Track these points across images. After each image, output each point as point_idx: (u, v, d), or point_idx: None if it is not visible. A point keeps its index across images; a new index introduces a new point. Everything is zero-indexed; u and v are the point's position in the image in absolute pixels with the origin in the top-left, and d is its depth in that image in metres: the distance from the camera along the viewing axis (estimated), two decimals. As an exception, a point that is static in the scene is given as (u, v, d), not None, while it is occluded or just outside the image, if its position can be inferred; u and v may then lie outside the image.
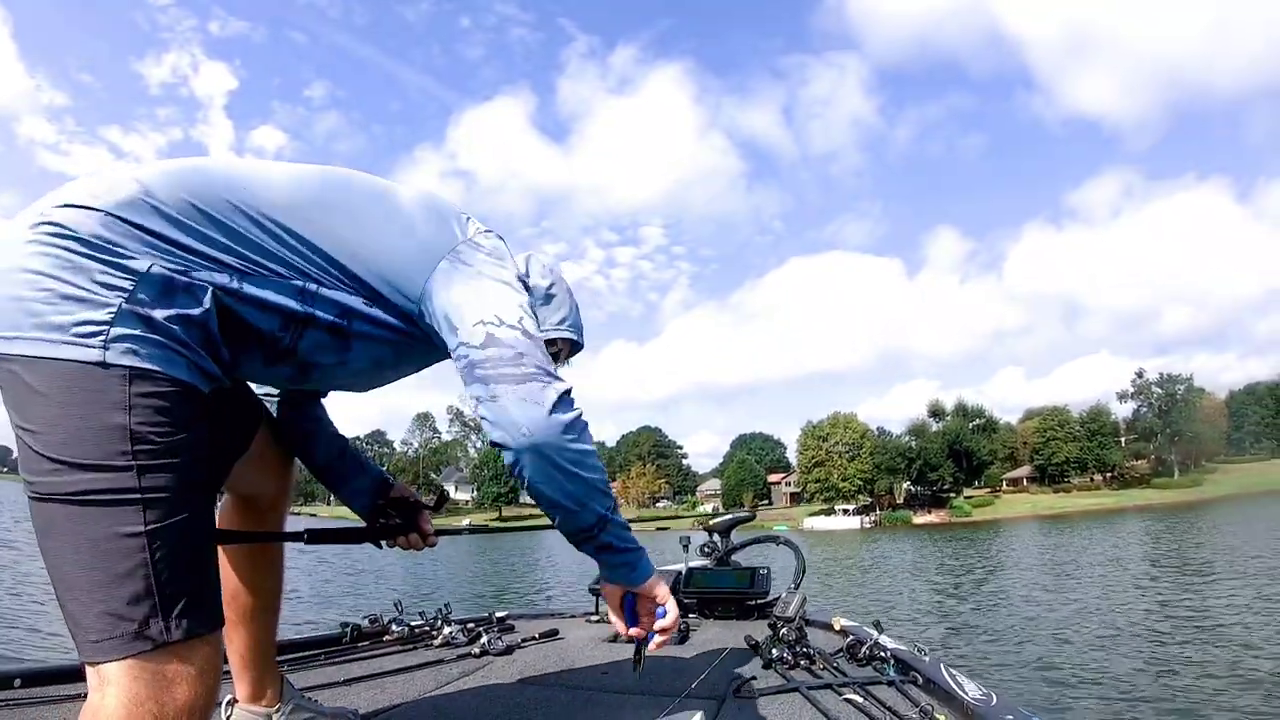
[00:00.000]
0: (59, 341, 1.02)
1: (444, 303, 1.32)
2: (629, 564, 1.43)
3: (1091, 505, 73.72)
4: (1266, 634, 9.81)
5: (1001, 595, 16.11)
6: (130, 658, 1.00)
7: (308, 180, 1.33)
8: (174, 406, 1.09)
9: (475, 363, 1.28)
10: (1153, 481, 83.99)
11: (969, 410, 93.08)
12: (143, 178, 1.16)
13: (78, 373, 1.02)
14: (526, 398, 1.25)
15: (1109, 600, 13.96)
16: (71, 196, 1.11)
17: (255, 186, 1.25)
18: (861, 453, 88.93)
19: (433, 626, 2.84)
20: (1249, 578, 15.46)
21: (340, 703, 1.93)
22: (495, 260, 1.40)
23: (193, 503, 1.11)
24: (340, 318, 1.32)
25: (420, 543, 1.76)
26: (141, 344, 1.06)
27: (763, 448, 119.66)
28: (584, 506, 1.33)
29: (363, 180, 1.40)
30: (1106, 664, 8.77)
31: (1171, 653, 9.16)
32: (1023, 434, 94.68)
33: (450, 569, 25.81)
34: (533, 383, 1.26)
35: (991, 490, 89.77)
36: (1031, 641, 10.50)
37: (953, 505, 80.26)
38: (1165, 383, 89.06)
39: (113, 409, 1.02)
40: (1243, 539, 25.63)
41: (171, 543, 1.05)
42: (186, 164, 1.26)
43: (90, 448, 1.01)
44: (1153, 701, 7.14)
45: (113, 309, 1.04)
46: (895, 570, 25.28)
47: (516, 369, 1.26)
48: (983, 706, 1.68)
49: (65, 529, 1.01)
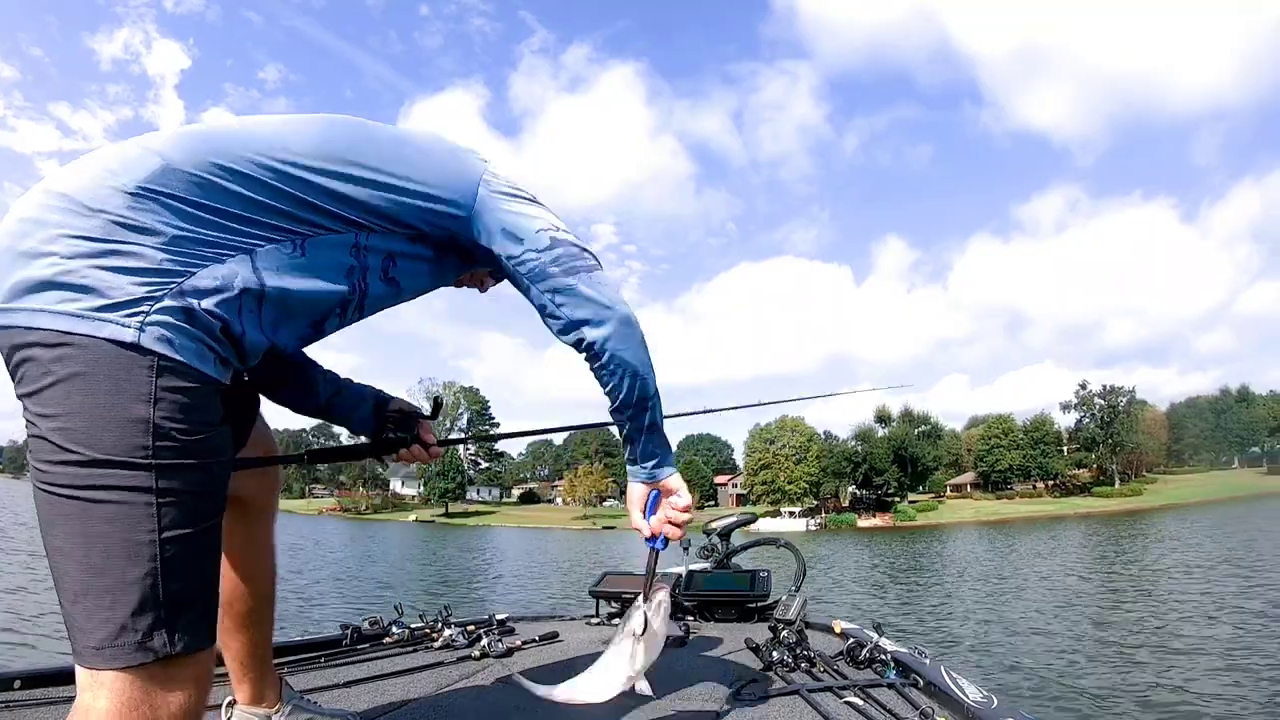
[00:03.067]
0: (93, 319, 0.97)
1: (499, 220, 1.39)
2: (657, 455, 1.53)
3: (1033, 512, 74.80)
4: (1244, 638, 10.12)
5: (938, 594, 16.55)
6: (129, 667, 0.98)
7: (335, 129, 1.31)
8: (198, 405, 1.05)
9: (549, 261, 1.39)
10: (1094, 490, 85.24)
11: (915, 417, 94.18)
12: (161, 148, 1.11)
13: (108, 356, 0.97)
14: (597, 284, 1.40)
15: (1059, 604, 14.33)
16: (93, 170, 1.07)
17: (289, 140, 1.22)
18: (808, 456, 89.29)
19: (433, 629, 2.83)
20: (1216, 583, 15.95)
21: (340, 705, 1.92)
22: (515, 186, 1.45)
23: (208, 510, 1.08)
24: (389, 260, 1.34)
25: (424, 454, 1.73)
26: (176, 334, 1.02)
27: (710, 449, 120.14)
28: (650, 372, 1.46)
29: (377, 125, 1.40)
30: (1068, 665, 9.00)
31: (1128, 652, 9.45)
32: (967, 441, 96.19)
33: (402, 564, 25.55)
34: (599, 271, 1.43)
35: (935, 496, 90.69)
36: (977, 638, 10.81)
37: (897, 510, 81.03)
38: (1108, 394, 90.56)
39: (137, 400, 0.98)
40: (1191, 544, 26.47)
41: (183, 551, 1.02)
42: (202, 129, 1.21)
43: (110, 440, 0.97)
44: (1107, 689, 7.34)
45: (150, 293, 1.00)
46: (839, 568, 25.84)
47: (583, 262, 1.40)
48: (983, 709, 1.71)
49: (73, 526, 0.97)
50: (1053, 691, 7.78)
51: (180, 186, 1.08)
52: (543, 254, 1.38)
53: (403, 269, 1.38)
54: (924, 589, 18.18)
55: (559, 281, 1.39)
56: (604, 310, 1.39)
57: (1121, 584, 16.52)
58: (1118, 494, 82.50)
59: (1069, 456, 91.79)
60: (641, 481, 1.54)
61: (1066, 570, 21.01)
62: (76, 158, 1.13)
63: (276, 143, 1.20)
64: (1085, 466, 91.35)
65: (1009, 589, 17.18)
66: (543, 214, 1.42)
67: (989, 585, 18.02)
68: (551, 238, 1.39)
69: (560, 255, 1.39)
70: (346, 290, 1.28)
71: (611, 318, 1.39)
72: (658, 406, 1.50)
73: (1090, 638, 10.76)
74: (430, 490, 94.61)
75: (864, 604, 16.16)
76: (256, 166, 1.16)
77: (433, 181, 1.34)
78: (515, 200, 1.41)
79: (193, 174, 1.09)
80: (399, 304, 1.47)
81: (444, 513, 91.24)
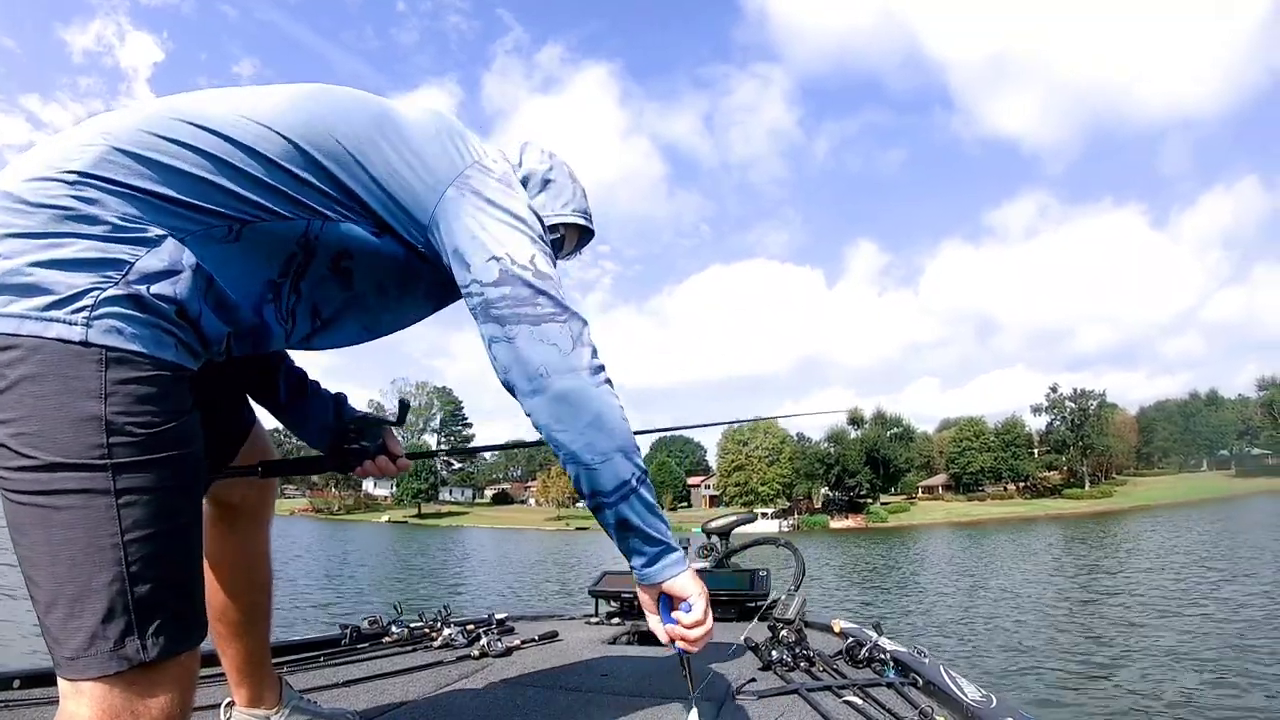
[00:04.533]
0: (38, 319, 0.93)
1: (453, 235, 1.24)
2: (644, 555, 1.30)
3: (1005, 514, 75.34)
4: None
5: (913, 593, 16.68)
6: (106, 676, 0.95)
7: (309, 103, 1.21)
8: (158, 394, 1.00)
9: (490, 301, 1.23)
10: (1064, 492, 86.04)
11: (887, 419, 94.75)
12: (108, 128, 1.06)
13: (57, 355, 0.93)
14: (544, 338, 1.21)
15: (1036, 603, 14.49)
16: (34, 163, 1.02)
17: (252, 112, 1.14)
18: (781, 458, 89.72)
19: (432, 628, 2.83)
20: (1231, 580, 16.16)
21: (340, 704, 1.91)
22: (505, 188, 1.31)
23: (177, 507, 1.03)
24: (344, 251, 1.23)
25: (390, 466, 1.63)
26: (127, 323, 0.97)
27: (683, 450, 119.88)
28: (604, 462, 1.23)
29: (363, 99, 1.28)
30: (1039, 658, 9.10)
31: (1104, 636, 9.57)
32: (939, 443, 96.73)
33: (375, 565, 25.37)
34: (550, 324, 1.22)
35: (907, 497, 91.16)
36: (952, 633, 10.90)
37: (869, 511, 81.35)
38: (1078, 398, 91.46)
39: (87, 397, 0.93)
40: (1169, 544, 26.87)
41: (151, 553, 0.97)
42: (157, 105, 1.13)
43: (64, 442, 0.93)
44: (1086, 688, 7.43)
45: (96, 284, 0.95)
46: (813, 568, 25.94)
47: (533, 308, 1.22)
48: (982, 708, 1.70)
49: (37, 534, 0.94)
50: (1038, 693, 7.85)
51: (121, 170, 1.02)
52: (486, 289, 1.22)
53: (359, 264, 1.26)
54: (896, 590, 18.29)
55: (494, 329, 1.23)
56: (537, 379, 1.20)
57: (1101, 584, 16.70)
58: (1088, 496, 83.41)
59: (1040, 459, 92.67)
60: (640, 585, 1.34)
61: (1046, 570, 21.28)
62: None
63: (234, 117, 1.13)
64: (1056, 469, 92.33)
65: (979, 587, 17.36)
66: (510, 235, 1.25)
67: (961, 583, 18.19)
68: (501, 270, 1.22)
69: (505, 296, 1.22)
70: (277, 276, 1.19)
71: (545, 390, 1.20)
72: (632, 498, 1.26)
73: (1068, 634, 10.89)
74: (403, 491, 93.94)
75: (836, 601, 16.22)
76: (209, 140, 1.09)
77: (403, 174, 1.23)
78: (487, 211, 1.26)
79: (137, 154, 1.04)
80: (368, 310, 1.36)
81: (416, 514, 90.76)
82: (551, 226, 1.53)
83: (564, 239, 1.63)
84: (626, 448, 1.25)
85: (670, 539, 1.31)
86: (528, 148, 1.62)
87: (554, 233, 1.56)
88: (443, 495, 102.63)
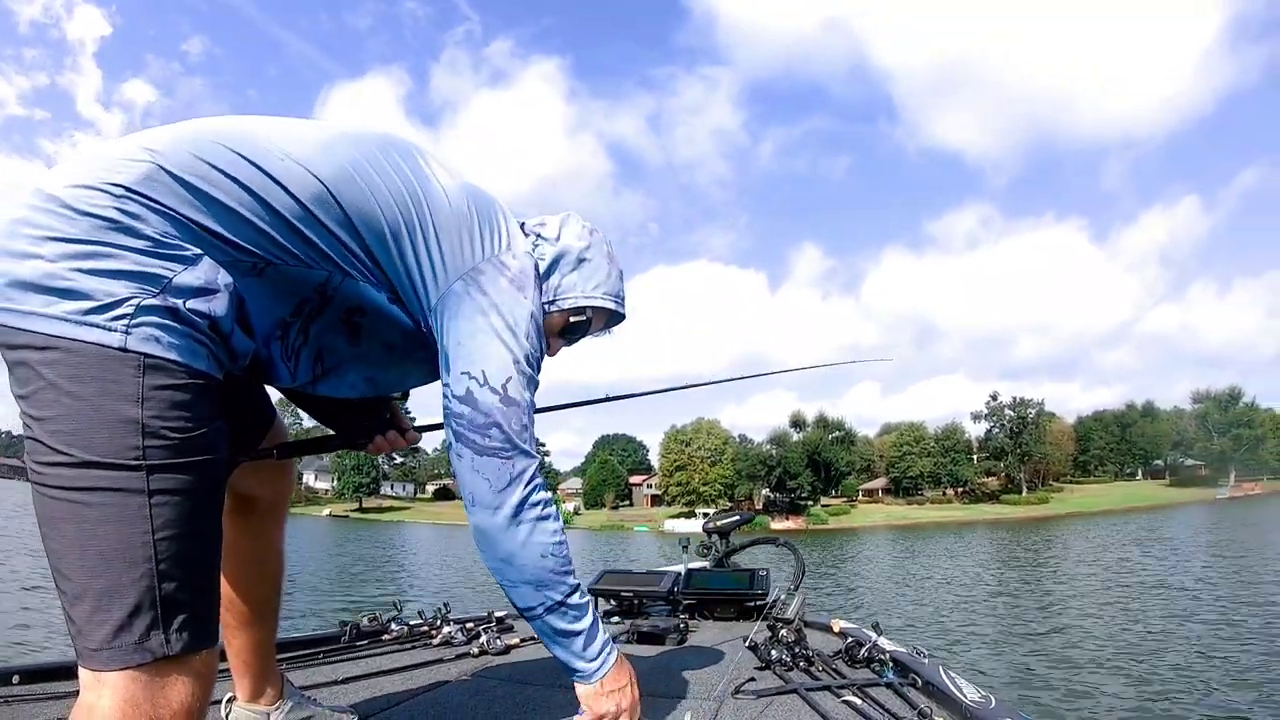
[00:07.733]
0: (78, 323, 0.96)
1: (444, 333, 1.32)
2: (583, 654, 1.44)
3: (943, 517, 76.54)
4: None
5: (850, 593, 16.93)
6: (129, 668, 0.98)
7: (351, 150, 1.25)
8: (191, 400, 1.04)
9: (452, 413, 1.32)
10: (1002, 498, 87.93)
11: (829, 422, 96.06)
12: (157, 147, 1.09)
13: (95, 358, 0.96)
14: (480, 470, 1.30)
15: (967, 602, 14.80)
16: (79, 170, 1.05)
17: (298, 155, 1.18)
18: (723, 458, 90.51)
19: (432, 626, 2.84)
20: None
21: (339, 701, 1.91)
22: (514, 290, 1.36)
23: (204, 510, 1.07)
24: (358, 308, 1.29)
25: (400, 440, 1.66)
26: (165, 332, 1.01)
27: (625, 449, 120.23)
28: (513, 588, 1.37)
29: (400, 165, 1.31)
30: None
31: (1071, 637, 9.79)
32: (880, 447, 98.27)
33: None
34: (491, 458, 1.30)
35: (848, 500, 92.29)
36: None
37: (810, 513, 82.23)
38: (1017, 406, 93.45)
39: (125, 401, 0.98)
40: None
41: (179, 551, 1.01)
42: (208, 128, 1.16)
43: (100, 442, 0.96)
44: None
45: (135, 294, 0.99)
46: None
47: (482, 438, 1.30)
48: (981, 709, 1.70)
49: (69, 528, 0.97)
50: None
51: (164, 191, 1.06)
52: (452, 402, 1.31)
53: (370, 321, 1.32)
54: (840, 590, 18.54)
55: (450, 438, 1.33)
56: (467, 502, 1.33)
57: (1031, 586, 17.09)
58: (1025, 502, 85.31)
59: (979, 465, 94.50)
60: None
61: (979, 565, 21.80)
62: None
63: (278, 154, 1.17)
64: (994, 475, 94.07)
65: (919, 587, 17.69)
66: (493, 350, 1.31)
67: (902, 585, 18.50)
68: (468, 389, 1.30)
69: (463, 415, 1.31)
70: (288, 315, 1.24)
71: (470, 515, 1.32)
72: (538, 622, 1.40)
73: (1010, 634, 11.10)
74: (344, 485, 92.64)
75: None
76: (252, 175, 1.13)
77: (421, 260, 1.29)
78: (485, 315, 1.32)
79: (183, 178, 1.07)
80: (372, 365, 1.41)
81: (358, 508, 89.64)
82: (578, 308, 1.58)
83: (591, 320, 1.63)
84: (537, 581, 1.35)
85: (578, 660, 1.44)
86: (568, 221, 1.63)
87: (580, 314, 1.59)
88: (384, 490, 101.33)
